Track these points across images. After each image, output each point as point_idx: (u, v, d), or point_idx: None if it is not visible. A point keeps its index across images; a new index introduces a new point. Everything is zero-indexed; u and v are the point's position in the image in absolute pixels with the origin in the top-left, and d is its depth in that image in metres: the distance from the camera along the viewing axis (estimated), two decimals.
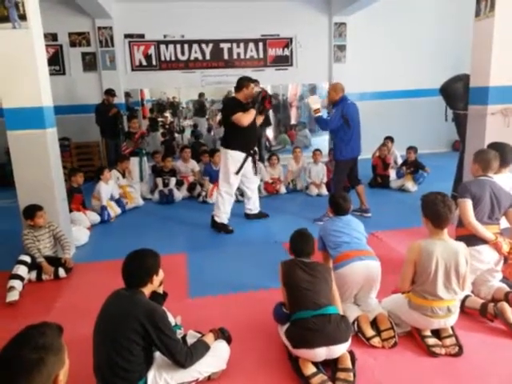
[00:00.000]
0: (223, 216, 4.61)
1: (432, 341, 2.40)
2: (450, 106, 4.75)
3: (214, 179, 6.07)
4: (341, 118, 4.52)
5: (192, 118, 11.44)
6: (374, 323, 2.54)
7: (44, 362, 1.21)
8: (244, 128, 4.34)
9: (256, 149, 4.90)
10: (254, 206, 5.02)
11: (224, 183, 4.58)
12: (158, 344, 1.91)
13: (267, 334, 2.56)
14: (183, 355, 1.97)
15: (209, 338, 2.21)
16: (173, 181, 6.23)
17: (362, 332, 2.49)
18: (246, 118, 4.32)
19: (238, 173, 4.49)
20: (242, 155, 4.49)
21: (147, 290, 2.07)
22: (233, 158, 4.47)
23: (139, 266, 2.05)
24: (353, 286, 2.66)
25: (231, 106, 4.50)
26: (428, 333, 2.44)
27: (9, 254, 3.65)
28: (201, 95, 11.00)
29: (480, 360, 2.32)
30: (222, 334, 2.30)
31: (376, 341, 2.43)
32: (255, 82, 4.60)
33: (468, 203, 2.79)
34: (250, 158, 4.59)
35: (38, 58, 3.61)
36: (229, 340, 2.31)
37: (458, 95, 4.53)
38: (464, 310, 2.66)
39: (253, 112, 4.36)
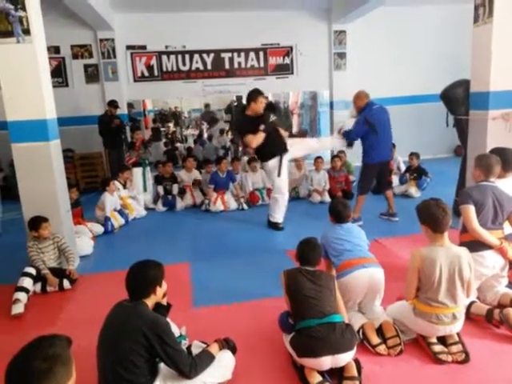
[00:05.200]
0: (277, 216, 4.98)
1: (438, 348, 2.38)
2: (451, 112, 4.77)
3: (220, 187, 6.07)
4: (364, 124, 4.58)
5: (208, 129, 11.48)
6: (380, 331, 2.53)
7: (53, 371, 1.22)
8: (266, 137, 4.56)
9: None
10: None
11: (275, 189, 4.97)
12: (162, 355, 1.90)
13: (272, 343, 2.55)
14: (188, 366, 1.96)
15: (214, 348, 2.20)
16: (175, 187, 6.26)
17: (367, 340, 2.47)
18: (254, 142, 4.58)
19: (279, 175, 4.80)
20: (277, 159, 4.75)
21: (150, 302, 2.07)
22: (272, 165, 4.78)
23: (143, 277, 2.05)
24: (357, 294, 2.65)
25: (242, 124, 4.70)
26: (434, 340, 2.43)
27: (14, 267, 3.65)
28: (207, 105, 11.04)
29: (486, 367, 2.30)
30: (227, 343, 2.29)
31: (382, 348, 2.42)
32: (264, 95, 4.71)
33: (470, 209, 2.78)
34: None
35: (42, 71, 3.66)
36: (234, 350, 2.30)
37: (459, 100, 4.54)
38: (470, 316, 2.65)
39: (261, 135, 4.54)
